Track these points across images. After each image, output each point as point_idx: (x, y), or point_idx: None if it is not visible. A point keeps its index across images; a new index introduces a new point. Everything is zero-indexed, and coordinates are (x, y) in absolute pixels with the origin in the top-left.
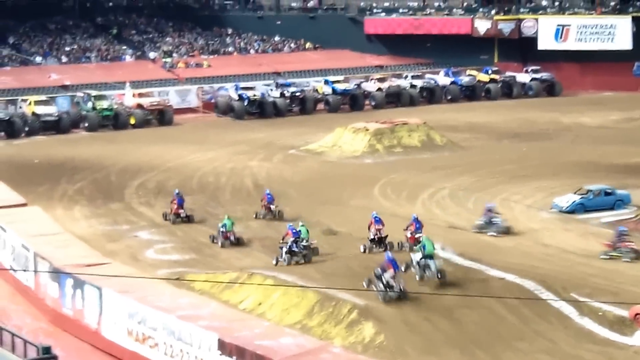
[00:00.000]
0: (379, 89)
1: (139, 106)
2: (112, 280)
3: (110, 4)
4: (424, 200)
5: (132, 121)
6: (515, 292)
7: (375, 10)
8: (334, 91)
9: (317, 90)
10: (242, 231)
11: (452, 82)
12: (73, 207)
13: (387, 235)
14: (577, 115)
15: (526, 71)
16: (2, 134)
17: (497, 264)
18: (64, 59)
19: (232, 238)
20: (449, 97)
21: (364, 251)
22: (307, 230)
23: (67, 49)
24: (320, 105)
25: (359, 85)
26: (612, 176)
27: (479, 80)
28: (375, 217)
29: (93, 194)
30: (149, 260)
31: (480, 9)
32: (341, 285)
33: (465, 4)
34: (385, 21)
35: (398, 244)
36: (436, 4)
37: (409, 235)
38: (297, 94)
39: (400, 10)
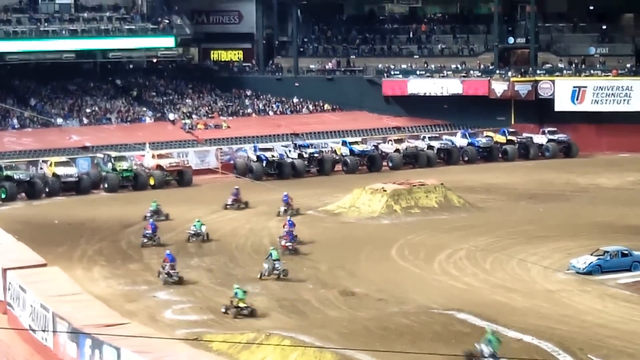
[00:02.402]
0: (397, 150)
1: (159, 167)
2: (131, 341)
3: (131, 66)
4: (441, 260)
5: (152, 182)
6: (533, 354)
7: (392, 72)
8: (352, 152)
9: (335, 151)
10: (258, 292)
11: (469, 144)
12: (92, 268)
13: None
14: (594, 176)
15: (543, 132)
16: (23, 194)
17: (515, 325)
18: (85, 120)
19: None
20: (466, 158)
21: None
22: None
23: (88, 110)
24: (338, 166)
25: (376, 147)
26: (629, 237)
27: (496, 142)
28: None
29: (112, 255)
30: (167, 321)
31: (497, 71)
32: (359, 346)
33: (482, 65)
34: (403, 83)
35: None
36: (453, 66)
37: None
38: (315, 155)
39: (418, 72)
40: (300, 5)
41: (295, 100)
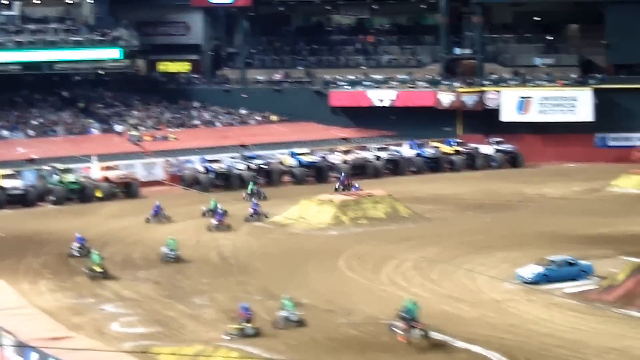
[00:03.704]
0: (344, 161)
1: (106, 179)
2: (77, 354)
3: (77, 77)
4: (389, 271)
5: (99, 194)
6: None
7: (340, 83)
8: (300, 163)
9: (282, 162)
10: (207, 304)
11: (417, 154)
12: (38, 281)
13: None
14: (540, 186)
15: (489, 143)
16: None
17: (462, 335)
18: (31, 132)
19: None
20: (413, 169)
21: None
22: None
23: (34, 122)
24: (286, 178)
25: (324, 158)
26: (574, 247)
27: (442, 152)
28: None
29: (59, 267)
30: (114, 334)
31: (444, 82)
32: (307, 357)
33: (429, 76)
34: (350, 94)
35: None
36: (400, 77)
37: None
38: (263, 166)
39: (365, 83)
40: (247, 16)
41: (242, 111)
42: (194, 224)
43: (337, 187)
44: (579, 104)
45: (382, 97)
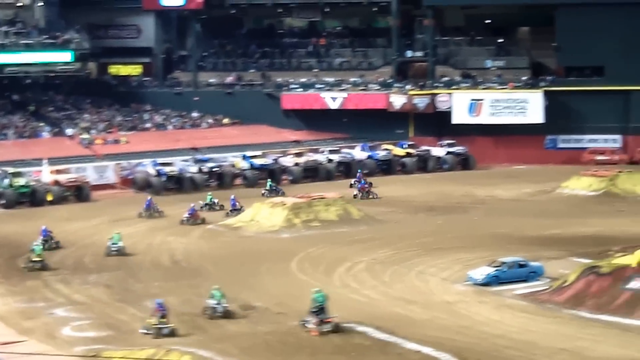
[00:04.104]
0: (296, 164)
1: (56, 183)
2: (28, 358)
3: (28, 80)
4: (341, 273)
5: (50, 198)
6: None
7: (292, 86)
8: (252, 166)
9: (234, 165)
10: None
11: (369, 157)
12: None
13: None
14: (491, 188)
15: (441, 145)
16: None
17: (414, 337)
18: None
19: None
20: (366, 171)
21: None
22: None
23: None
24: (238, 180)
25: (276, 160)
26: (525, 248)
27: (394, 155)
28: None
29: (9, 271)
30: (65, 338)
31: (396, 84)
32: None
33: (380, 79)
34: (302, 96)
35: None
36: (352, 80)
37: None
38: (215, 169)
39: (317, 86)
40: (199, 19)
41: (194, 114)
42: (146, 227)
43: (352, 183)
44: (529, 106)
45: (335, 99)
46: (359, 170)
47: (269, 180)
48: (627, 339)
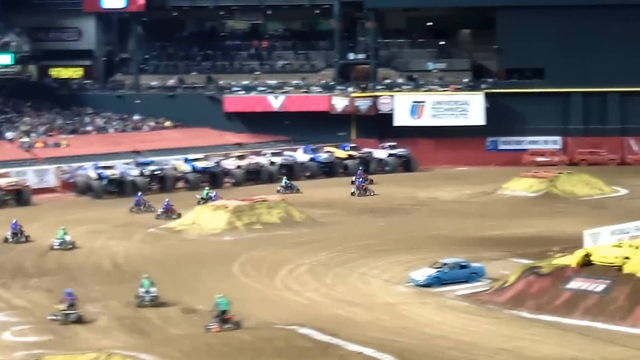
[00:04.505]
0: (239, 167)
1: None
2: None
3: None
4: (283, 276)
5: None
6: None
7: (234, 89)
8: (194, 169)
9: (176, 168)
10: (100, 311)
11: (311, 159)
12: None
13: None
14: (433, 190)
15: (383, 147)
16: None
17: (356, 338)
18: None
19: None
20: (308, 174)
21: None
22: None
23: None
24: (180, 183)
25: (218, 163)
26: (467, 249)
27: (336, 157)
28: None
29: None
30: (5, 342)
31: (338, 87)
32: None
33: (323, 81)
34: (245, 99)
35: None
36: (294, 82)
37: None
38: (157, 172)
39: (259, 89)
40: (140, 21)
41: (136, 117)
42: (86, 231)
43: (353, 180)
44: (471, 108)
45: (278, 101)
46: (359, 168)
47: (284, 177)
48: (567, 338)
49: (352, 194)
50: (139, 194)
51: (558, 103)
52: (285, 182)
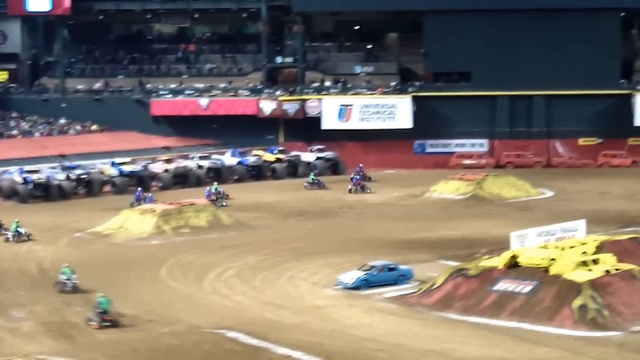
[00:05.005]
0: (166, 170)
1: None
2: None
3: None
4: (212, 280)
5: None
6: None
7: (161, 92)
8: (121, 173)
9: (103, 172)
10: (25, 316)
11: (239, 162)
12: None
13: None
14: (361, 193)
15: (311, 150)
16: None
17: (284, 341)
18: None
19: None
20: (236, 177)
21: None
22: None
23: None
24: (107, 187)
25: (145, 167)
26: (395, 252)
27: (265, 160)
28: None
29: None
30: None
31: (266, 90)
32: None
33: (250, 85)
34: (172, 103)
35: None
36: (222, 86)
37: None
38: (83, 176)
39: (186, 92)
40: (66, 25)
41: (62, 121)
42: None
43: (352, 176)
44: (398, 112)
45: (205, 105)
46: (359, 165)
47: (311, 173)
48: (494, 339)
49: (349, 191)
50: (139, 189)
51: (485, 106)
52: (312, 179)
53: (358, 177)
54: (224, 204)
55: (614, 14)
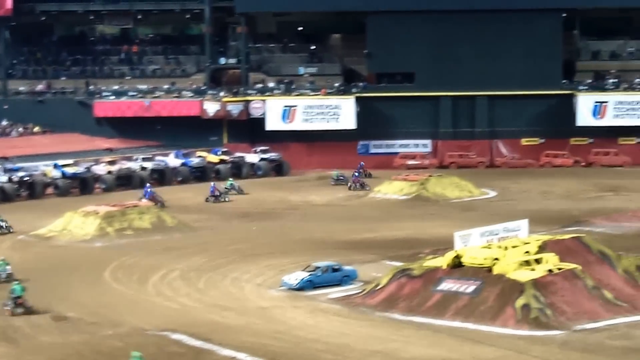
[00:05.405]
0: (109, 172)
1: None
2: None
3: None
4: (155, 282)
5: None
6: None
7: (104, 94)
8: (64, 175)
9: (46, 174)
10: None
11: (183, 164)
12: None
13: None
14: (305, 194)
15: (255, 151)
16: None
17: (229, 343)
18: None
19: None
20: (180, 179)
21: None
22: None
23: None
24: (50, 190)
25: (89, 169)
26: (339, 252)
27: (208, 161)
28: None
29: None
30: None
31: (209, 91)
32: None
33: (194, 86)
34: (115, 104)
35: None
36: (165, 87)
37: None
38: (26, 178)
39: (130, 93)
40: (8, 26)
41: (4, 123)
42: None
43: (355, 173)
44: (342, 112)
45: (148, 106)
46: (360, 163)
47: (335, 171)
48: (438, 339)
49: (349, 187)
50: (147, 185)
51: (428, 107)
52: (337, 175)
53: (357, 174)
54: (227, 199)
55: (555, 15)
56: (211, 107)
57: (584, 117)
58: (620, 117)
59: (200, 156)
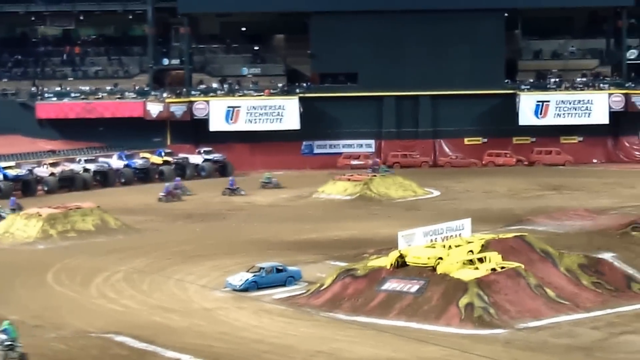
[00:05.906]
0: (52, 174)
1: None
2: None
3: None
4: (99, 284)
5: None
6: None
7: (46, 95)
8: (5, 177)
9: None
10: None
11: (126, 165)
12: None
13: None
14: (249, 194)
15: (199, 152)
16: None
17: (172, 345)
18: None
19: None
20: (123, 180)
21: None
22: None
23: None
24: None
25: (31, 171)
26: (283, 253)
27: (152, 163)
28: None
29: None
30: None
31: (152, 92)
32: None
33: (137, 87)
34: (57, 106)
35: None
36: (108, 88)
37: None
38: None
39: (72, 95)
40: None
41: None
42: None
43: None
44: (285, 113)
45: (91, 108)
46: (375, 160)
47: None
48: (383, 339)
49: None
50: (169, 184)
51: (371, 107)
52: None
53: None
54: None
55: (498, 15)
56: (154, 108)
57: (526, 116)
58: (561, 116)
59: (143, 157)
